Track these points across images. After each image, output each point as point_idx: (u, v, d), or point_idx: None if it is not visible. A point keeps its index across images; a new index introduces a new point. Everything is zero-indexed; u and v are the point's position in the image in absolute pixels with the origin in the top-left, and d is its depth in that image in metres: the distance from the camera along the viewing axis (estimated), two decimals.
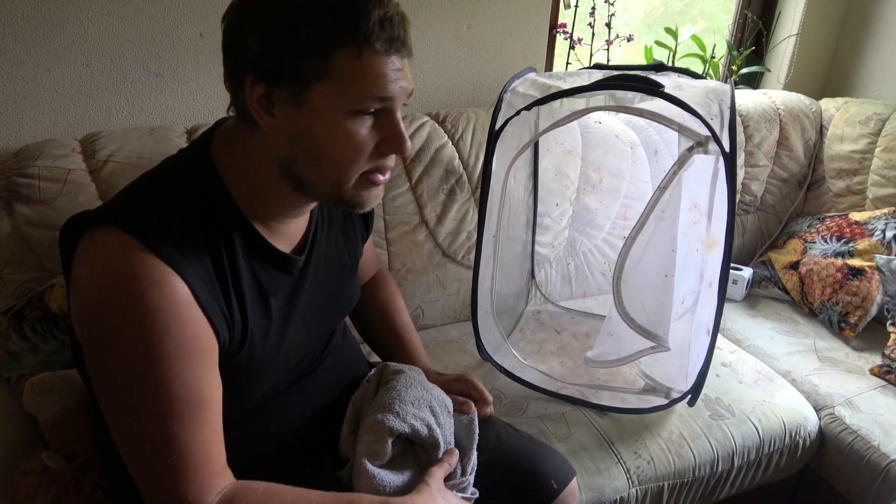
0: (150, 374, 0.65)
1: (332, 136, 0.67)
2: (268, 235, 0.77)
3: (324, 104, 0.66)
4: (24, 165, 1.15)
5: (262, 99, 0.66)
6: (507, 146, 1.22)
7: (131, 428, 0.67)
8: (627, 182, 1.62)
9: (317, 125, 0.67)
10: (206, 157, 0.74)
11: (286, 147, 0.69)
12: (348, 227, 0.95)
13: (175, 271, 0.65)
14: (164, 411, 0.65)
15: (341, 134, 0.67)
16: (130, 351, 0.64)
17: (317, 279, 0.86)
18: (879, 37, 1.97)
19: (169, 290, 0.64)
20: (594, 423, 1.23)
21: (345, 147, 0.68)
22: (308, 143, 0.68)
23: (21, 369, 1.08)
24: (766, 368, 1.43)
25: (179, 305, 0.65)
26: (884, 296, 1.52)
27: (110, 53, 1.29)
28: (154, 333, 0.64)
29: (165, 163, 0.77)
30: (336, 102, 0.66)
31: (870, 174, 1.78)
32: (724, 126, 1.03)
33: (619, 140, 1.60)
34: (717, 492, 1.26)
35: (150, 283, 0.64)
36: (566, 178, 1.56)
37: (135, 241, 0.65)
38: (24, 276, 1.16)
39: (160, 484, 0.67)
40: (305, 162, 0.69)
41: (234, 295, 0.72)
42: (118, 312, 0.64)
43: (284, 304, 0.81)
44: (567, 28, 1.70)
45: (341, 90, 0.65)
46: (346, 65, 0.64)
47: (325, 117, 0.66)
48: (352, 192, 0.72)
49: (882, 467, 1.23)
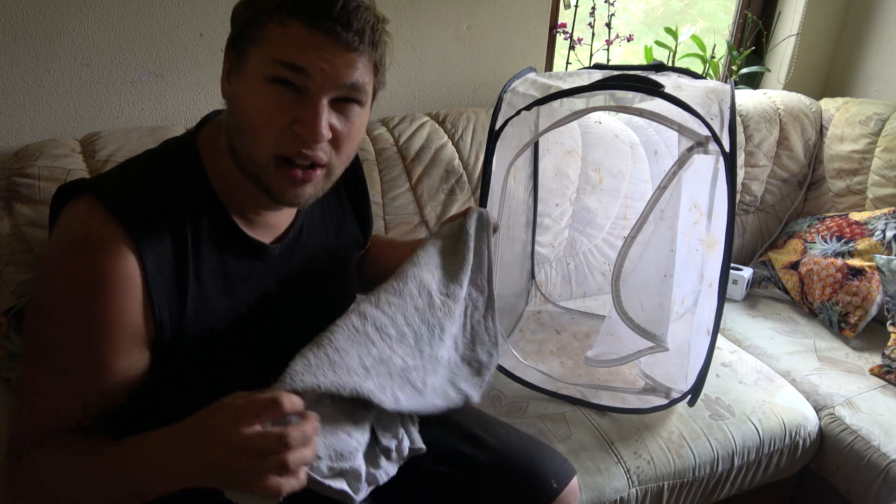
0: (62, 321, 0.68)
1: (248, 101, 0.69)
2: (245, 225, 0.79)
3: (251, 69, 0.68)
4: (24, 165, 1.15)
5: (226, 72, 0.72)
6: (507, 146, 1.22)
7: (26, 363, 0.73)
8: (627, 182, 1.62)
9: (242, 90, 0.69)
10: (192, 145, 0.77)
11: (231, 121, 0.72)
12: (342, 227, 0.96)
13: (133, 246, 0.68)
14: (50, 344, 0.69)
15: (255, 99, 0.68)
16: (59, 300, 0.68)
17: (303, 272, 0.87)
18: (879, 37, 1.97)
19: (119, 261, 0.67)
20: (594, 423, 1.23)
21: (256, 113, 0.68)
22: (235, 107, 0.71)
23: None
24: (766, 368, 1.43)
25: (123, 280, 0.68)
26: (884, 296, 1.52)
27: (110, 53, 1.29)
28: (88, 297, 0.67)
29: (154, 148, 0.80)
30: (258, 67, 0.67)
31: (870, 174, 1.78)
32: (724, 126, 1.03)
33: (619, 140, 1.60)
34: (717, 492, 1.26)
35: (103, 249, 0.67)
36: (566, 178, 1.56)
37: (103, 208, 0.68)
38: (24, 276, 1.15)
39: (15, 416, 0.72)
40: (233, 129, 0.71)
41: (191, 275, 0.73)
42: (64, 266, 0.67)
43: (257, 293, 0.81)
44: (567, 28, 1.70)
45: (262, 55, 0.67)
46: (272, 31, 0.66)
47: (249, 82, 0.68)
48: (268, 174, 0.71)
49: (882, 467, 1.23)
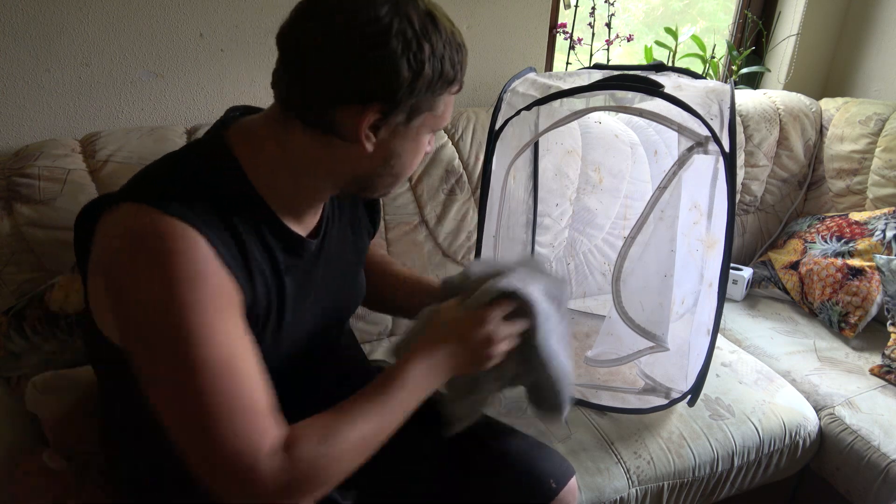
0: (181, 324, 0.63)
1: (411, 151, 0.76)
2: (285, 221, 0.79)
3: (421, 130, 0.75)
4: (24, 165, 1.15)
5: (372, 123, 0.71)
6: (507, 146, 1.22)
7: (168, 388, 0.65)
8: (627, 182, 1.62)
9: (409, 146, 0.75)
10: (225, 147, 0.75)
11: (377, 163, 0.75)
12: (355, 221, 0.96)
13: (198, 232, 0.66)
14: (199, 363, 0.63)
15: (418, 150, 0.77)
16: (160, 305, 0.63)
17: (329, 267, 0.87)
18: (879, 37, 1.97)
19: (193, 243, 0.65)
20: (594, 423, 1.23)
21: (415, 159, 0.78)
22: (398, 161, 0.76)
23: (21, 369, 1.08)
24: (766, 368, 1.43)
25: (205, 259, 0.66)
26: (884, 296, 1.52)
27: (110, 53, 1.29)
28: (182, 284, 0.64)
29: (177, 152, 0.77)
30: (428, 128, 0.76)
31: (870, 174, 1.78)
32: (723, 126, 1.03)
33: (619, 140, 1.60)
34: (717, 492, 1.26)
35: (174, 237, 0.64)
36: (566, 178, 1.56)
37: (154, 209, 0.65)
38: (24, 276, 1.16)
39: (205, 443, 0.64)
40: (386, 174, 0.77)
41: (252, 266, 0.73)
42: (146, 269, 0.64)
43: (297, 287, 0.81)
44: (567, 28, 1.70)
45: (435, 119, 0.75)
46: (446, 100, 0.75)
47: (416, 137, 0.75)
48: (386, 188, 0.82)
49: (882, 467, 1.23)
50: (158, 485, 0.83)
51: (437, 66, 0.69)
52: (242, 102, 1.43)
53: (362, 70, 0.67)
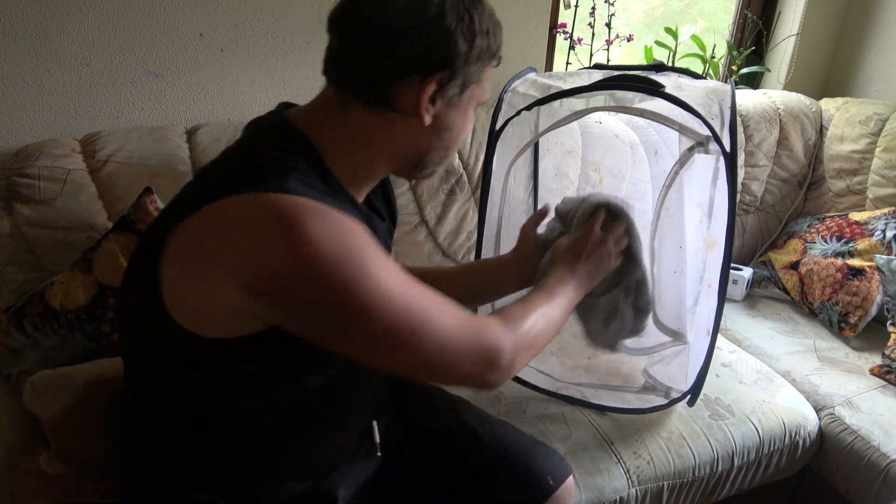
0: (369, 269, 0.66)
1: (460, 124, 0.80)
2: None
3: (468, 100, 0.78)
4: (24, 165, 1.15)
5: (429, 94, 0.73)
6: (507, 146, 1.22)
7: (394, 334, 0.67)
8: (627, 182, 1.62)
9: (456, 115, 0.78)
10: (299, 134, 0.75)
11: (432, 137, 0.78)
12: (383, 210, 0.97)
13: (322, 203, 0.66)
14: (404, 295, 0.68)
15: (466, 122, 0.81)
16: (341, 263, 0.64)
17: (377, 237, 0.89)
18: (879, 37, 1.97)
19: (329, 209, 0.66)
20: (594, 423, 1.23)
21: (462, 132, 0.82)
22: (450, 133, 0.79)
23: (21, 365, 1.08)
24: (765, 368, 1.43)
25: (344, 216, 0.67)
26: (884, 296, 1.52)
27: (110, 53, 1.29)
28: (347, 237, 0.65)
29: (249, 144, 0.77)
30: (475, 100, 0.80)
31: (870, 174, 1.78)
32: (724, 126, 1.03)
33: (619, 140, 1.60)
34: (717, 492, 1.26)
35: (314, 209, 0.64)
36: (566, 178, 1.56)
37: (279, 193, 0.65)
38: (24, 276, 1.16)
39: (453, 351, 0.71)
40: (439, 148, 0.80)
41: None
42: (308, 241, 0.63)
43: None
44: (567, 28, 1.70)
45: (481, 91, 0.80)
46: (488, 73, 0.79)
47: (464, 110, 0.79)
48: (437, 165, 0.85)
49: (882, 467, 1.23)
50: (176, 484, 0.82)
51: (485, 38, 0.74)
52: (242, 102, 1.44)
53: (423, 42, 0.71)
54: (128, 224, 1.13)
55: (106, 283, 1.10)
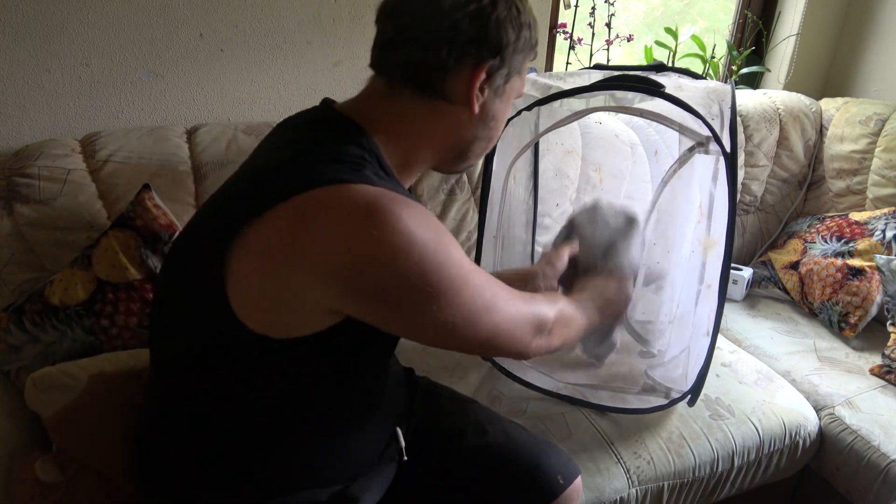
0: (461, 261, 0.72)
1: (502, 114, 0.83)
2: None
3: (510, 91, 0.81)
4: (24, 165, 1.15)
5: (479, 81, 0.76)
6: (507, 146, 1.22)
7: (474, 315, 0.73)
8: (627, 182, 1.62)
9: (499, 105, 0.81)
10: (358, 126, 0.76)
11: (478, 126, 0.80)
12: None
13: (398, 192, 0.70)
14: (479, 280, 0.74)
15: (506, 115, 0.85)
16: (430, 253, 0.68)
17: None
18: (879, 37, 1.97)
19: (406, 199, 0.69)
20: (594, 423, 1.22)
21: (503, 124, 0.85)
22: (495, 123, 0.82)
23: (21, 361, 1.08)
24: (766, 368, 1.43)
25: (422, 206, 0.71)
26: (884, 296, 1.52)
27: (110, 53, 1.29)
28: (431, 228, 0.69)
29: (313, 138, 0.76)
30: (516, 91, 0.83)
31: (870, 174, 1.78)
32: (724, 126, 1.03)
33: (620, 140, 1.60)
34: (717, 492, 1.26)
35: (393, 199, 0.67)
36: (566, 178, 1.56)
37: (357, 185, 0.67)
38: (24, 276, 1.16)
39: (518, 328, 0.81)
40: (483, 138, 0.83)
41: None
42: (409, 230, 0.66)
43: None
44: (567, 28, 1.70)
45: (521, 82, 0.83)
46: (527, 65, 0.82)
47: (507, 101, 0.82)
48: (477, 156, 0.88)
49: (882, 467, 1.23)
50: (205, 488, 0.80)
51: (528, 30, 0.78)
52: (242, 102, 1.44)
53: (478, 29, 0.73)
54: (126, 221, 1.13)
55: (105, 278, 1.10)
